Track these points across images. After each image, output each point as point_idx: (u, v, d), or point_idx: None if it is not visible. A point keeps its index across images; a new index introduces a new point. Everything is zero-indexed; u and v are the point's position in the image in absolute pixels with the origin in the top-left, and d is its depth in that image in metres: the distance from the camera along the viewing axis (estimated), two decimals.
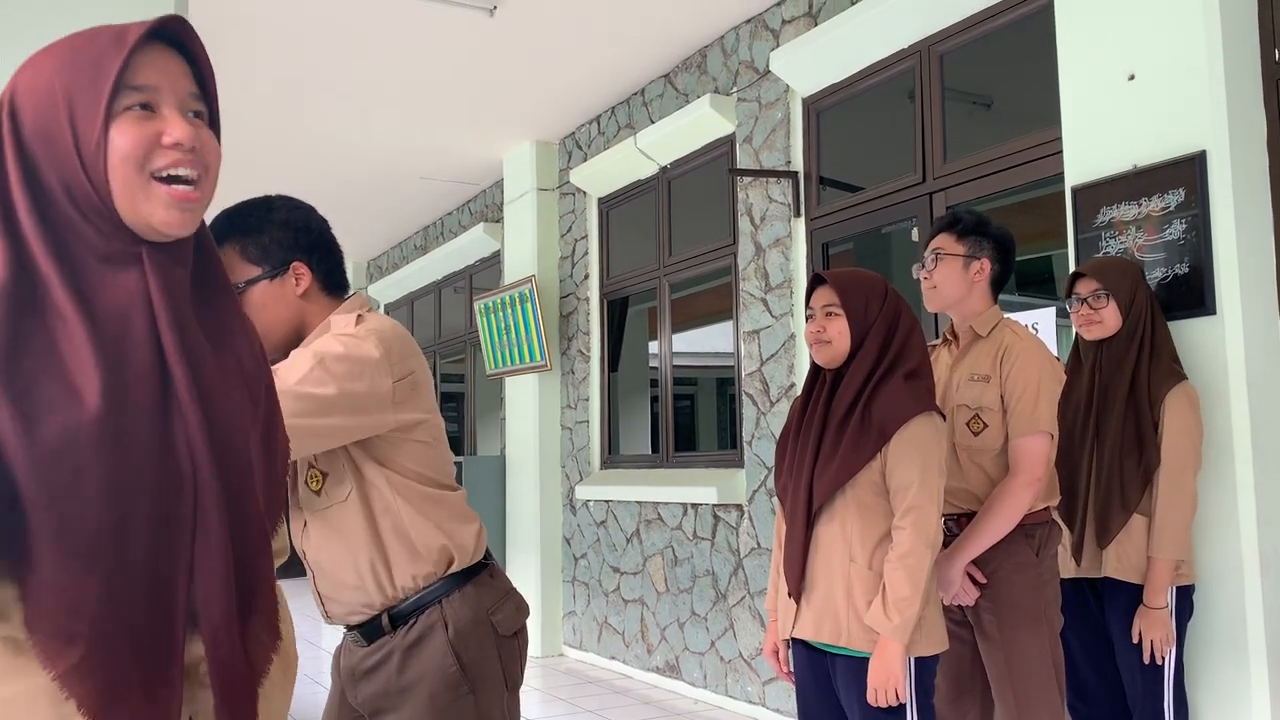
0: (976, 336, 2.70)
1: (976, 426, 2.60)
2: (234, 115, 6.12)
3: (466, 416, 8.87)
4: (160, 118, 1.06)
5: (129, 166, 1.03)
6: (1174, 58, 2.91)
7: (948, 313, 2.79)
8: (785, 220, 4.83)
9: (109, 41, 1.05)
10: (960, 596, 2.56)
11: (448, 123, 6.44)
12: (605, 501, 6.18)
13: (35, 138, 1.02)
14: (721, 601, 5.14)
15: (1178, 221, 2.89)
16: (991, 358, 2.63)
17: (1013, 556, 2.55)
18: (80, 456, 0.94)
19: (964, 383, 2.65)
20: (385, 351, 1.76)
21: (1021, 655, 2.52)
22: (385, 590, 1.84)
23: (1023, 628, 2.53)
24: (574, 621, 6.53)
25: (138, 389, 1.00)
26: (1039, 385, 2.56)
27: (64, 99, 1.02)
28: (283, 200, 1.92)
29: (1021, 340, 2.63)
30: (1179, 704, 2.65)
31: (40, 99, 1.03)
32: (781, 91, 4.87)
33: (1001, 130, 4.01)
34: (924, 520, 2.21)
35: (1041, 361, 2.59)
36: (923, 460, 2.23)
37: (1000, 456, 2.59)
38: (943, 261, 2.70)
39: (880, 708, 2.20)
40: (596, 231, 6.52)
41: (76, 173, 1.02)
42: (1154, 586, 2.63)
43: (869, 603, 2.23)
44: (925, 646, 2.24)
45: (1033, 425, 2.54)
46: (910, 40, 4.23)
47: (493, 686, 1.86)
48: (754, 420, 4.97)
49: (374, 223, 8.97)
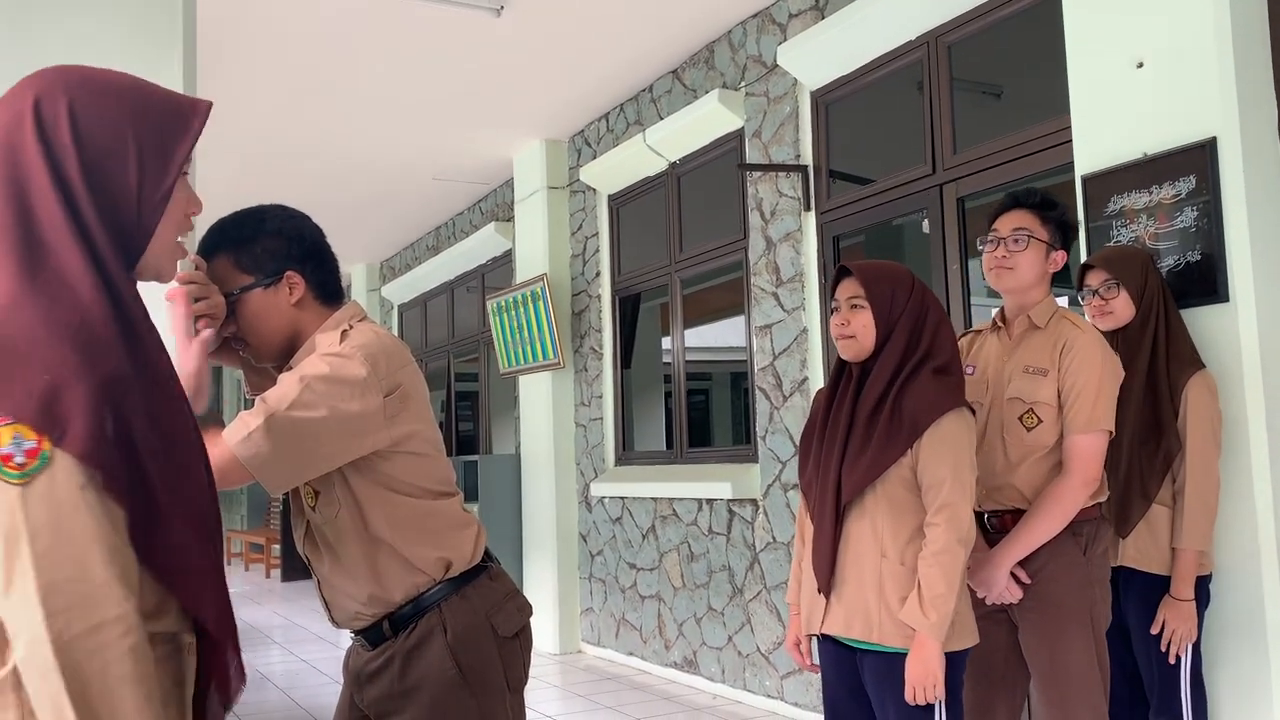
0: (1032, 327, 2.59)
1: (1030, 421, 2.50)
2: (245, 122, 6.16)
3: (481, 415, 8.89)
4: (187, 186, 1.20)
5: (175, 230, 1.18)
6: (1183, 44, 2.89)
7: (1009, 296, 2.64)
8: (795, 214, 4.83)
9: (175, 111, 1.17)
10: (1004, 596, 2.48)
11: (457, 123, 6.45)
12: (620, 498, 6.19)
13: (95, 164, 1.11)
14: (738, 596, 5.15)
15: (1189, 209, 2.88)
16: (1050, 351, 2.52)
17: (1060, 555, 2.46)
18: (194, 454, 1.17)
19: (1018, 375, 2.54)
20: (372, 367, 1.75)
21: (1066, 656, 2.44)
22: (382, 600, 1.85)
23: (1069, 628, 2.45)
24: (591, 618, 6.55)
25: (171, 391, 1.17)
26: (1100, 382, 2.46)
27: (135, 148, 1.12)
28: (276, 210, 1.90)
29: (1084, 334, 2.52)
30: (1196, 692, 2.65)
31: (107, 135, 1.12)
32: (790, 85, 4.87)
33: (1011, 120, 4.00)
34: (957, 517, 2.19)
35: (1105, 358, 2.49)
36: (955, 456, 2.22)
37: (1052, 453, 2.49)
38: (1030, 244, 2.58)
39: (913, 704, 2.19)
40: (607, 229, 6.53)
41: (131, 214, 1.13)
42: (1181, 578, 2.61)
43: (901, 599, 2.22)
44: (956, 641, 2.23)
45: (1092, 424, 2.44)
46: (918, 31, 4.22)
47: (494, 689, 1.86)
48: (767, 415, 4.97)
49: (386, 224, 9.00)
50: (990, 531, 2.55)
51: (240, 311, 1.83)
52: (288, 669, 6.34)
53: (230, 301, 1.82)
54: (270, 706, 5.42)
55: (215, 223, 1.88)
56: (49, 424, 1.01)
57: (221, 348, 1.90)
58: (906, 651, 2.20)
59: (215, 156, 6.29)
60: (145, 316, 1.13)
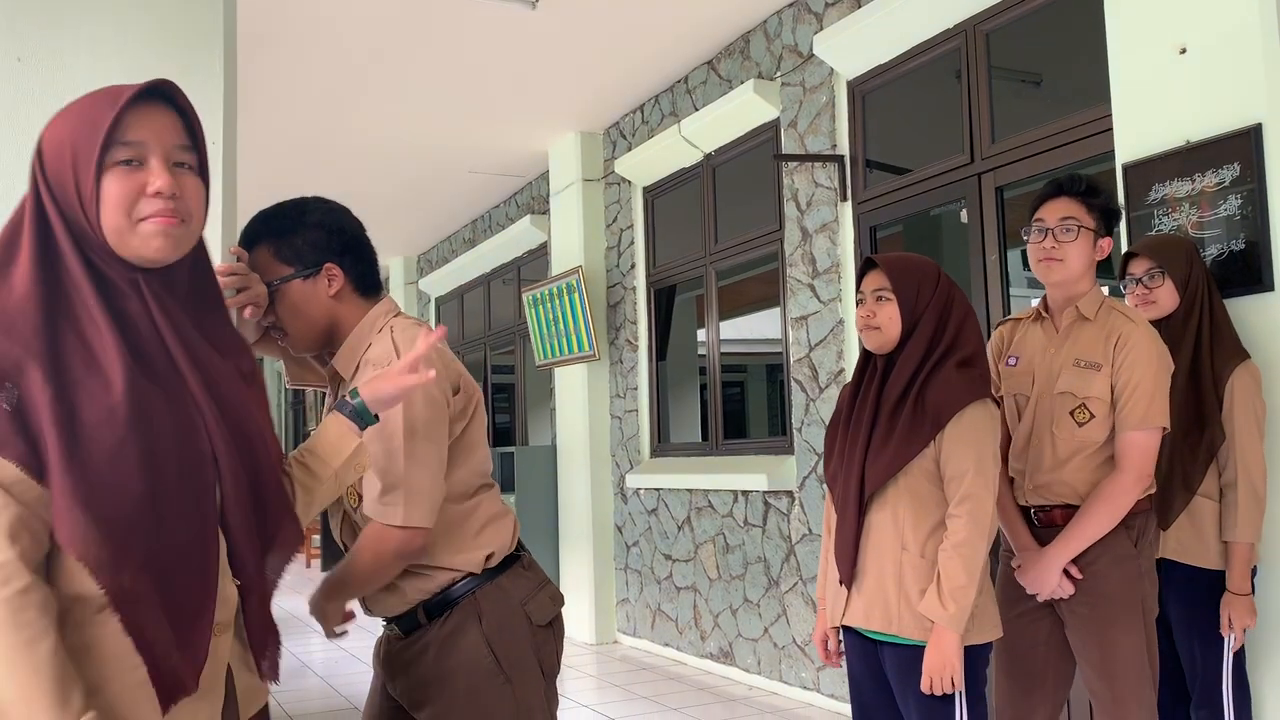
0: (1081, 318, 2.52)
1: (1082, 417, 2.45)
2: (285, 116, 6.23)
3: (517, 407, 8.93)
4: (147, 169, 1.26)
5: (118, 214, 1.24)
6: (1226, 29, 2.85)
7: (1057, 288, 2.55)
8: (832, 204, 4.81)
9: (106, 102, 1.26)
10: (1057, 593, 2.45)
11: (493, 116, 6.48)
12: (656, 490, 6.20)
13: (53, 181, 1.25)
14: (774, 588, 5.14)
15: (1233, 197, 2.83)
16: (1103, 344, 2.45)
17: (1112, 549, 2.43)
18: (116, 434, 1.17)
19: (1068, 368, 2.48)
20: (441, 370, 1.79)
21: (1117, 650, 2.41)
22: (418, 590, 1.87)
23: (1120, 622, 2.42)
24: (627, 609, 6.57)
25: (157, 383, 1.23)
26: (1155, 378, 2.40)
27: (70, 150, 1.24)
28: (317, 202, 1.91)
29: (1138, 327, 2.45)
30: (1239, 685, 2.61)
31: (55, 149, 1.25)
32: (826, 75, 4.84)
33: (1050, 108, 3.95)
34: (979, 509, 2.19)
35: (1160, 352, 2.44)
36: (978, 449, 2.21)
37: (1104, 449, 2.45)
38: (1079, 233, 2.49)
39: (932, 695, 2.19)
40: (642, 221, 6.53)
41: (78, 215, 1.24)
42: (1238, 571, 2.57)
43: (921, 591, 2.21)
44: (977, 635, 2.22)
45: (1147, 420, 2.40)
46: (956, 19, 4.18)
47: (529, 676, 1.87)
48: (803, 406, 4.96)
49: (423, 217, 9.06)
50: (1036, 527, 2.53)
51: (279, 302, 1.86)
52: (328, 657, 6.42)
53: (270, 292, 1.85)
54: (310, 694, 5.50)
55: (257, 214, 1.91)
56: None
57: (262, 338, 1.93)
58: (926, 644, 2.20)
59: (254, 148, 6.37)
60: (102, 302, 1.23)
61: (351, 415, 1.57)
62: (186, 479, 1.24)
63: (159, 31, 2.45)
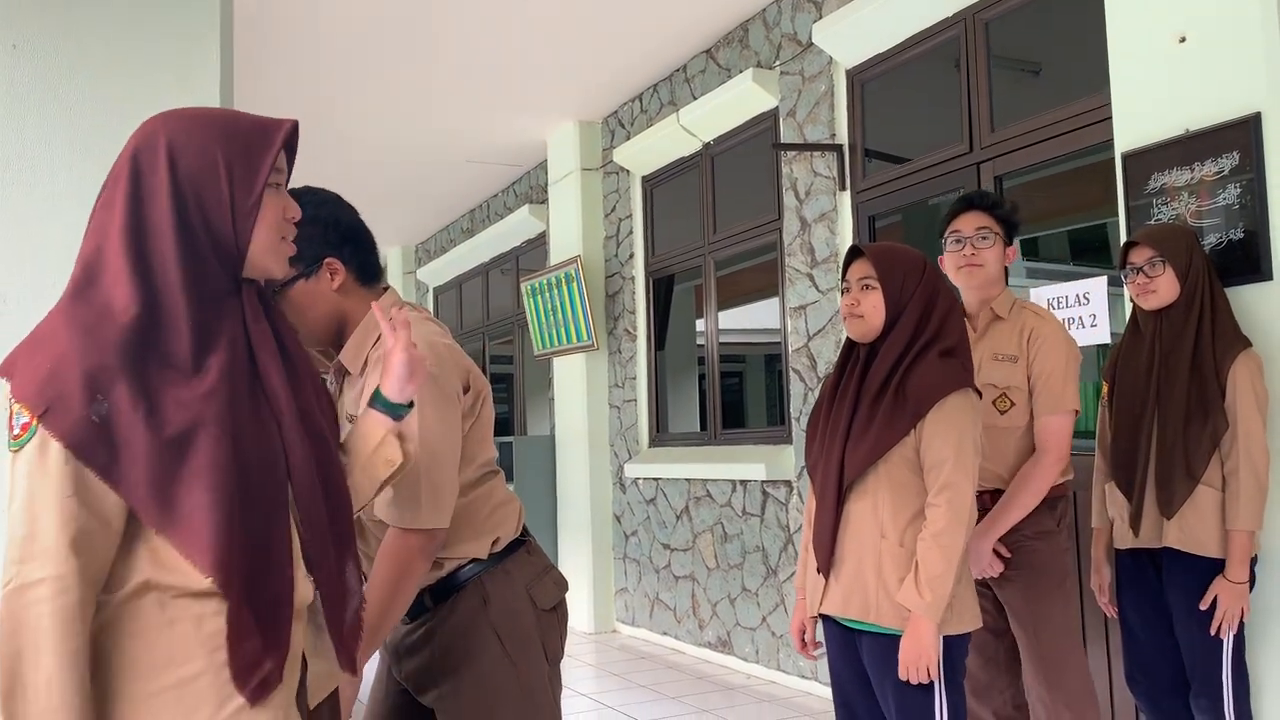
0: (995, 317, 2.78)
1: (1004, 405, 2.69)
2: (281, 103, 6.20)
3: (516, 397, 8.93)
4: (282, 193, 1.38)
5: (273, 231, 1.35)
6: (1226, 18, 2.84)
7: (974, 291, 2.82)
8: (830, 194, 4.80)
9: (260, 130, 1.35)
10: (988, 570, 2.66)
11: (491, 105, 6.46)
12: (654, 479, 6.21)
13: (188, 185, 1.28)
14: (772, 577, 5.15)
15: (1232, 186, 2.83)
16: (1017, 338, 2.72)
17: (1035, 525, 2.68)
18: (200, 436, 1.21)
19: (988, 362, 2.71)
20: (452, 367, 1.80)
21: (1049, 617, 2.67)
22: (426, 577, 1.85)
23: (1050, 592, 2.68)
24: (626, 598, 6.58)
25: (237, 382, 1.28)
26: (1065, 366, 2.68)
27: (225, 165, 1.30)
28: (309, 195, 1.85)
29: (1046, 322, 2.75)
30: (1238, 675, 2.61)
31: (199, 159, 1.29)
32: (825, 64, 4.83)
33: (1050, 97, 3.94)
34: (959, 498, 2.19)
35: (1067, 343, 2.72)
36: (958, 437, 2.21)
37: (1025, 435, 2.69)
38: (995, 240, 2.79)
39: (910, 685, 2.19)
40: (640, 210, 6.52)
41: (225, 223, 1.30)
42: (1236, 560, 2.57)
43: (899, 580, 2.21)
44: (956, 625, 2.22)
45: (1060, 405, 2.66)
46: (955, 8, 4.17)
47: (534, 660, 1.88)
48: (802, 396, 4.96)
49: (421, 207, 9.05)
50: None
51: (285, 305, 1.83)
52: None
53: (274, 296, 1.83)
54: None
55: None
56: (39, 403, 1.17)
57: None
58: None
59: None
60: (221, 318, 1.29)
61: (384, 410, 1.58)
62: (264, 474, 1.29)
63: (156, 19, 2.44)
